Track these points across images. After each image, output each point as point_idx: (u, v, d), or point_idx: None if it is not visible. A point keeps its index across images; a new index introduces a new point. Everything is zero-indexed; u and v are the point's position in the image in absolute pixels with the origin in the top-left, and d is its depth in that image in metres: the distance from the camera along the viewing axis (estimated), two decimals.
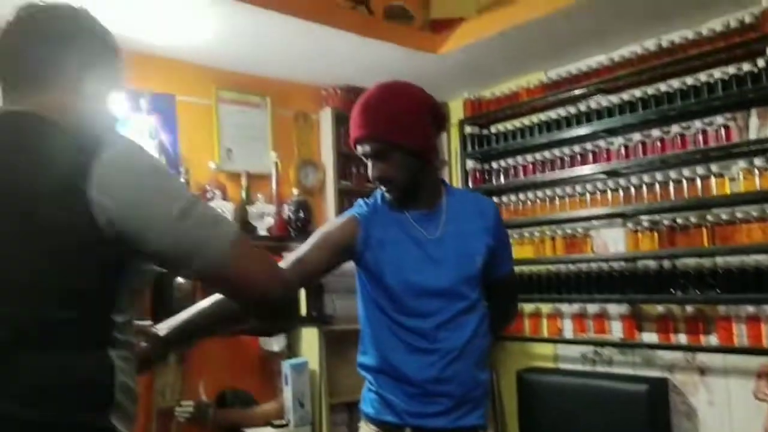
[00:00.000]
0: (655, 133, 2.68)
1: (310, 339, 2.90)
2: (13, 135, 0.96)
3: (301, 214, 2.99)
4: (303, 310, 2.88)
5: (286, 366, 2.78)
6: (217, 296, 1.30)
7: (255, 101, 3.19)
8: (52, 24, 1.02)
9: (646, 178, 2.68)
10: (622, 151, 2.81)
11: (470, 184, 3.42)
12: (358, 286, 1.57)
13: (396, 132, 1.44)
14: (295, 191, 3.08)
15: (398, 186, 1.48)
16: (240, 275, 0.95)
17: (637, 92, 2.73)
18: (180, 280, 2.51)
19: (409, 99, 1.48)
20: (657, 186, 2.64)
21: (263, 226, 2.86)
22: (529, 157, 3.20)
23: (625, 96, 2.77)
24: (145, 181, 0.92)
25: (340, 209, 3.30)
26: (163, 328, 1.27)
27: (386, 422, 1.49)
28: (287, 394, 2.75)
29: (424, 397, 1.46)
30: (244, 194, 2.97)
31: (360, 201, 1.57)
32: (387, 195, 1.50)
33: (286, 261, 1.44)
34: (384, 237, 1.49)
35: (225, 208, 2.70)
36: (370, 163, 1.46)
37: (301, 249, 1.46)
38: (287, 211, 2.99)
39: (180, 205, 0.92)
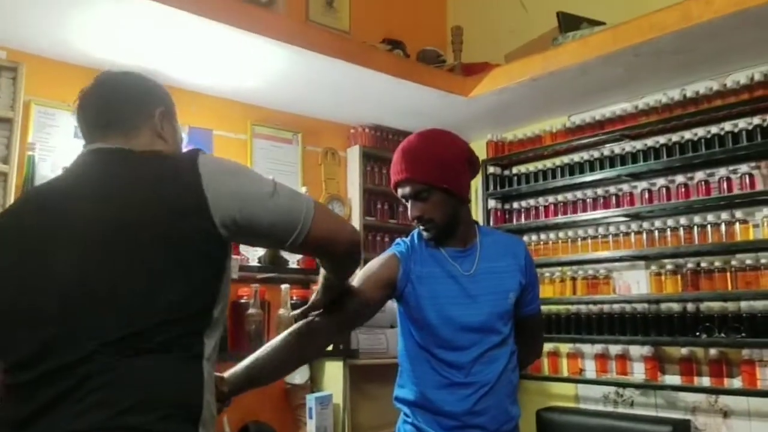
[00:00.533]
0: (680, 179, 2.76)
1: (333, 373, 2.92)
2: (123, 164, 1.07)
3: None
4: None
5: (310, 399, 2.80)
6: (277, 341, 1.40)
7: (287, 137, 3.29)
8: (133, 81, 1.21)
9: (669, 222, 2.75)
10: (646, 195, 2.88)
11: (491, 223, 3.49)
12: (399, 323, 1.65)
13: (436, 174, 1.55)
14: None
15: (437, 225, 1.58)
16: (329, 230, 1.13)
17: (662, 139, 2.82)
18: (252, 311, 2.56)
19: (449, 145, 1.61)
20: (681, 230, 2.70)
21: (293, 259, 2.91)
22: (551, 198, 3.28)
23: (650, 142, 2.86)
24: (237, 172, 1.09)
25: (366, 244, 3.36)
26: (226, 376, 1.32)
27: None
28: (311, 427, 2.76)
29: (459, 429, 1.53)
30: None
31: (398, 240, 1.66)
32: (425, 234, 1.59)
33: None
34: (422, 273, 1.57)
35: None
36: (410, 204, 1.57)
37: (354, 284, 1.53)
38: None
39: (268, 185, 1.08)
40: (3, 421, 0.97)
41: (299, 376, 2.93)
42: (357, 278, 1.55)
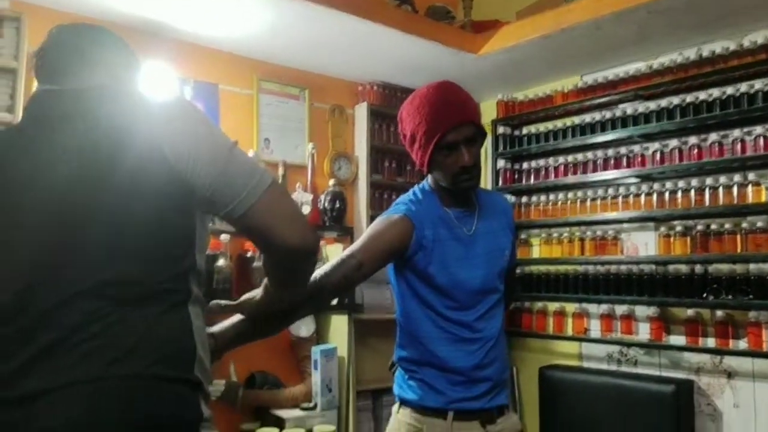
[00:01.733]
0: (693, 140, 2.72)
1: (339, 326, 2.96)
2: (77, 104, 1.03)
3: (337, 205, 3.04)
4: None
5: (315, 351, 2.84)
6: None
7: (294, 93, 3.25)
8: (89, 30, 1.15)
9: (681, 183, 2.72)
10: (657, 156, 2.85)
11: (500, 183, 3.47)
12: (395, 284, 1.63)
13: (479, 118, 1.55)
14: (330, 182, 3.14)
15: (479, 174, 1.55)
16: (277, 216, 1.02)
17: (676, 99, 2.77)
18: (220, 262, 2.57)
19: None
20: (692, 192, 2.67)
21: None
22: (561, 159, 3.24)
23: (663, 102, 2.81)
24: (195, 120, 1.04)
25: (372, 202, 3.35)
26: (214, 332, 1.31)
27: (430, 408, 1.56)
28: (316, 378, 2.81)
29: (467, 383, 1.55)
30: (281, 183, 3.02)
31: (405, 199, 1.61)
32: (467, 183, 1.54)
33: (339, 256, 1.48)
34: (434, 236, 1.55)
35: None
36: (461, 150, 1.48)
37: (355, 247, 1.50)
38: (323, 201, 3.04)
39: (226, 143, 1.03)
40: None
41: (305, 328, 2.97)
42: (362, 238, 1.51)
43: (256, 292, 1.29)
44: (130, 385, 0.91)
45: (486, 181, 3.66)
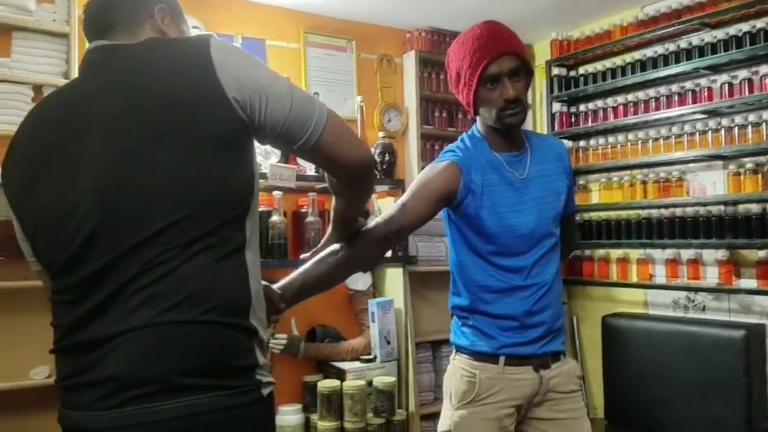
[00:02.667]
0: (764, 69, 2.52)
1: (394, 279, 2.96)
2: (130, 55, 1.04)
3: (387, 157, 3.01)
4: (388, 251, 2.94)
5: (372, 304, 2.86)
6: (325, 254, 1.40)
7: (341, 45, 3.20)
8: None
9: (751, 117, 2.54)
10: (726, 89, 2.66)
11: (556, 128, 3.34)
12: (449, 232, 1.63)
13: (525, 53, 1.52)
14: (380, 134, 3.10)
15: (525, 109, 1.52)
16: (341, 140, 1.07)
17: (745, 26, 2.57)
18: (274, 218, 2.60)
19: None
20: (763, 126, 2.49)
21: None
22: (621, 99, 3.09)
23: (732, 30, 2.61)
24: (252, 61, 1.05)
25: (423, 153, 3.30)
26: (280, 287, 1.33)
27: (481, 353, 1.57)
28: (374, 331, 2.84)
29: (519, 329, 1.55)
30: None
31: (452, 147, 1.60)
32: (513, 119, 1.51)
33: (391, 209, 1.49)
34: (483, 182, 1.53)
35: None
36: (504, 83, 1.47)
37: (405, 197, 1.51)
38: (373, 154, 3.02)
39: (283, 80, 1.05)
40: (56, 327, 1.00)
41: (362, 282, 2.99)
42: (411, 188, 1.52)
43: (330, 229, 1.38)
44: (186, 331, 0.93)
45: (542, 126, 3.54)
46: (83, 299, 0.95)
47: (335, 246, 1.42)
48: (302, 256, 1.44)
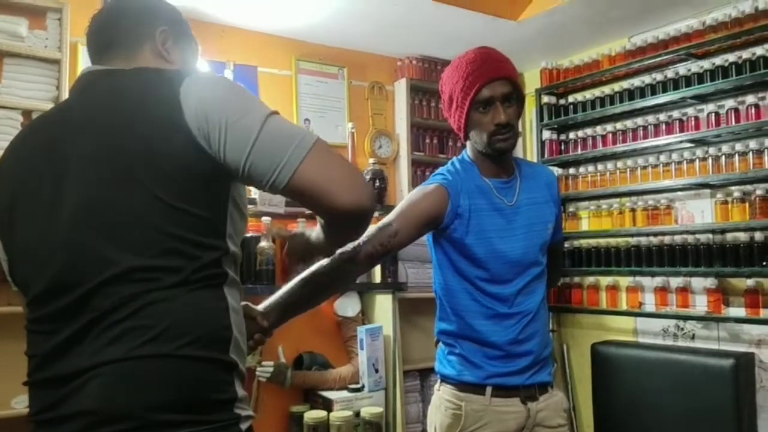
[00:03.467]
0: (750, 99, 2.55)
1: (383, 305, 2.95)
2: (111, 84, 1.03)
3: (378, 183, 3.02)
4: (377, 277, 2.93)
5: (361, 331, 2.84)
6: (307, 274, 1.41)
7: (332, 72, 3.23)
8: (137, 4, 1.14)
9: (738, 146, 2.56)
10: (712, 118, 2.69)
11: (546, 155, 3.36)
12: (434, 255, 1.62)
13: (517, 79, 1.54)
14: (371, 161, 3.11)
15: (515, 135, 1.53)
16: (323, 178, 0.93)
17: (731, 56, 2.60)
18: (262, 244, 2.59)
19: None
20: (750, 155, 2.51)
21: None
22: (609, 127, 3.11)
23: (718, 60, 2.64)
24: (222, 94, 0.96)
25: (414, 179, 3.31)
26: (261, 310, 1.33)
27: (468, 383, 1.54)
28: (362, 358, 2.81)
29: (504, 358, 1.53)
30: None
31: (442, 170, 1.60)
32: (502, 144, 1.51)
33: (376, 227, 1.48)
34: (471, 206, 1.53)
35: None
36: (496, 108, 1.48)
37: (391, 216, 1.50)
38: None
39: (256, 116, 0.94)
40: (30, 357, 0.98)
41: (351, 309, 2.97)
42: (402, 210, 1.51)
43: (312, 232, 1.27)
44: (161, 365, 0.90)
45: (532, 153, 3.56)
46: (57, 331, 0.93)
47: (319, 265, 1.42)
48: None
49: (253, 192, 2.52)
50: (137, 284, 0.91)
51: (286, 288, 1.40)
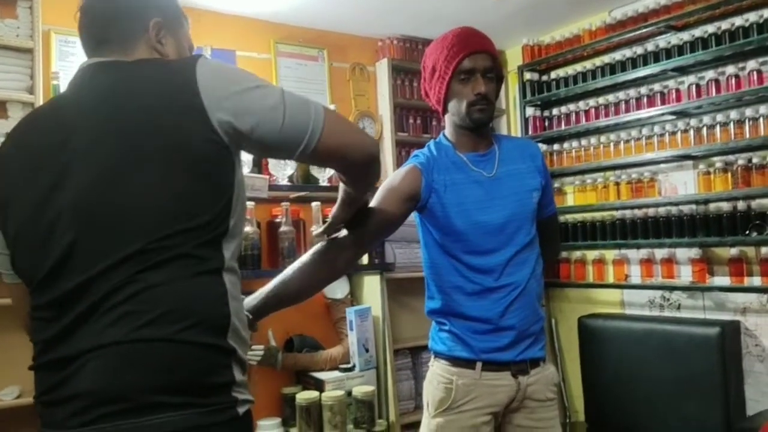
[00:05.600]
0: (730, 69, 2.56)
1: (372, 286, 2.95)
2: (119, 74, 1.04)
3: None
4: (365, 259, 2.93)
5: (350, 312, 2.84)
6: (297, 266, 1.41)
7: (312, 54, 3.20)
8: None
9: (719, 117, 2.58)
10: (693, 90, 2.70)
11: (530, 132, 3.36)
12: (421, 235, 1.63)
13: (497, 58, 1.57)
14: None
15: (492, 109, 1.56)
16: (341, 141, 1.06)
17: (710, 28, 2.61)
18: (247, 229, 2.58)
19: None
20: (731, 125, 2.53)
21: (324, 177, 2.88)
22: (592, 102, 3.12)
23: (697, 32, 2.65)
24: (238, 77, 1.02)
25: (398, 160, 3.30)
26: (246, 304, 1.33)
27: (459, 358, 1.56)
28: (352, 339, 2.82)
29: (493, 332, 1.54)
30: None
31: (416, 152, 1.63)
32: (480, 115, 1.54)
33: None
34: (446, 180, 1.55)
35: (287, 161, 2.74)
36: (476, 79, 1.52)
37: (371, 203, 1.51)
38: None
39: (273, 93, 1.02)
40: (34, 342, 1.00)
41: (340, 291, 2.97)
42: (377, 194, 1.53)
43: (337, 206, 1.37)
44: (159, 348, 0.91)
45: (516, 130, 3.56)
46: (59, 317, 0.94)
47: (307, 257, 1.43)
48: (314, 233, 1.50)
49: None
50: (136, 268, 0.92)
51: (276, 279, 1.40)
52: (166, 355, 0.91)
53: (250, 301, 1.35)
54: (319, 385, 2.70)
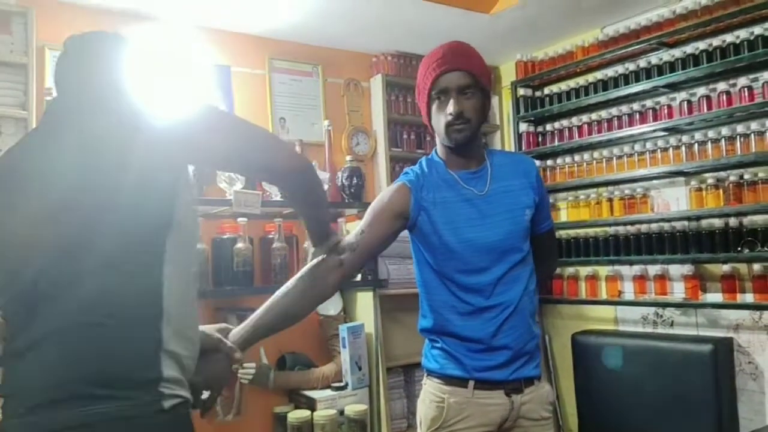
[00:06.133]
0: (721, 86, 2.57)
1: (365, 303, 2.93)
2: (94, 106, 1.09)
3: (355, 180, 3.00)
4: (358, 275, 2.92)
5: (343, 329, 2.82)
6: (282, 292, 1.42)
7: (307, 70, 3.21)
8: (95, 42, 1.16)
9: (711, 133, 2.58)
10: (685, 106, 2.71)
11: (523, 148, 3.37)
12: (413, 252, 1.62)
13: (482, 72, 1.53)
14: (347, 158, 3.10)
15: (471, 127, 1.52)
16: (275, 160, 1.18)
17: (702, 44, 2.62)
18: (239, 245, 2.57)
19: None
20: (722, 141, 2.54)
21: None
22: (585, 118, 3.13)
23: (689, 49, 2.67)
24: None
25: (392, 175, 3.30)
26: (235, 335, 1.34)
27: (451, 376, 1.54)
28: (345, 356, 2.80)
29: (485, 351, 1.52)
30: None
31: (406, 169, 1.62)
32: (457, 135, 1.51)
33: (350, 236, 1.52)
34: (435, 199, 1.53)
35: None
36: (452, 99, 1.49)
37: (362, 223, 1.53)
38: (341, 177, 3.01)
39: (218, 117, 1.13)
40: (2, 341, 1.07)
41: (333, 307, 2.95)
42: (367, 212, 1.54)
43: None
44: (83, 339, 0.96)
45: (510, 145, 3.57)
46: (16, 314, 1.02)
47: (295, 279, 1.43)
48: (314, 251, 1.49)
49: (228, 193, 2.50)
50: (72, 264, 0.98)
51: (261, 309, 1.40)
52: (90, 346, 0.96)
53: (238, 331, 1.35)
54: (311, 404, 2.68)
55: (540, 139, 3.36)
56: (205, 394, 1.25)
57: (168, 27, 2.73)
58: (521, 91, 3.39)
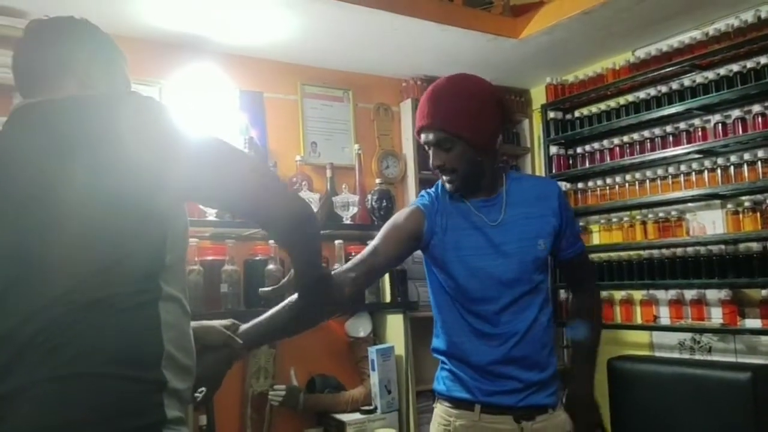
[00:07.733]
0: (756, 108, 2.54)
1: (395, 325, 2.93)
2: (42, 117, 1.04)
3: (384, 203, 3.02)
4: (387, 297, 2.92)
5: (372, 352, 2.82)
6: (293, 302, 1.38)
7: (338, 95, 3.26)
8: (55, 31, 1.14)
9: (746, 155, 2.54)
10: (719, 129, 2.67)
11: (554, 170, 3.35)
12: (426, 272, 1.62)
13: (459, 124, 1.47)
14: (377, 181, 3.12)
15: (459, 176, 1.50)
16: (260, 202, 1.06)
17: (735, 66, 2.59)
18: (270, 266, 2.60)
19: (476, 92, 1.51)
20: (759, 164, 2.49)
21: (348, 215, 2.91)
22: (616, 140, 3.10)
23: (722, 71, 2.63)
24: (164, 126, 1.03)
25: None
26: (246, 333, 1.34)
27: (457, 398, 1.52)
28: (374, 379, 2.80)
29: (493, 377, 1.49)
30: (328, 185, 3.03)
31: (422, 192, 1.63)
32: (448, 186, 1.52)
33: (362, 253, 1.51)
34: (447, 225, 1.53)
35: (311, 199, 2.77)
36: (432, 152, 1.51)
37: (374, 242, 1.53)
38: (370, 200, 3.03)
39: (201, 146, 1.03)
40: None
41: (362, 329, 2.96)
42: (381, 233, 1.54)
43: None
44: (80, 385, 0.91)
45: (540, 169, 3.56)
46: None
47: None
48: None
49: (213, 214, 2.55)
50: (67, 307, 0.92)
51: (270, 312, 1.39)
52: (89, 392, 0.90)
53: (248, 329, 1.34)
54: (341, 428, 2.67)
55: (570, 162, 3.34)
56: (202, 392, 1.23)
57: (200, 54, 2.81)
58: (551, 114, 3.38)
